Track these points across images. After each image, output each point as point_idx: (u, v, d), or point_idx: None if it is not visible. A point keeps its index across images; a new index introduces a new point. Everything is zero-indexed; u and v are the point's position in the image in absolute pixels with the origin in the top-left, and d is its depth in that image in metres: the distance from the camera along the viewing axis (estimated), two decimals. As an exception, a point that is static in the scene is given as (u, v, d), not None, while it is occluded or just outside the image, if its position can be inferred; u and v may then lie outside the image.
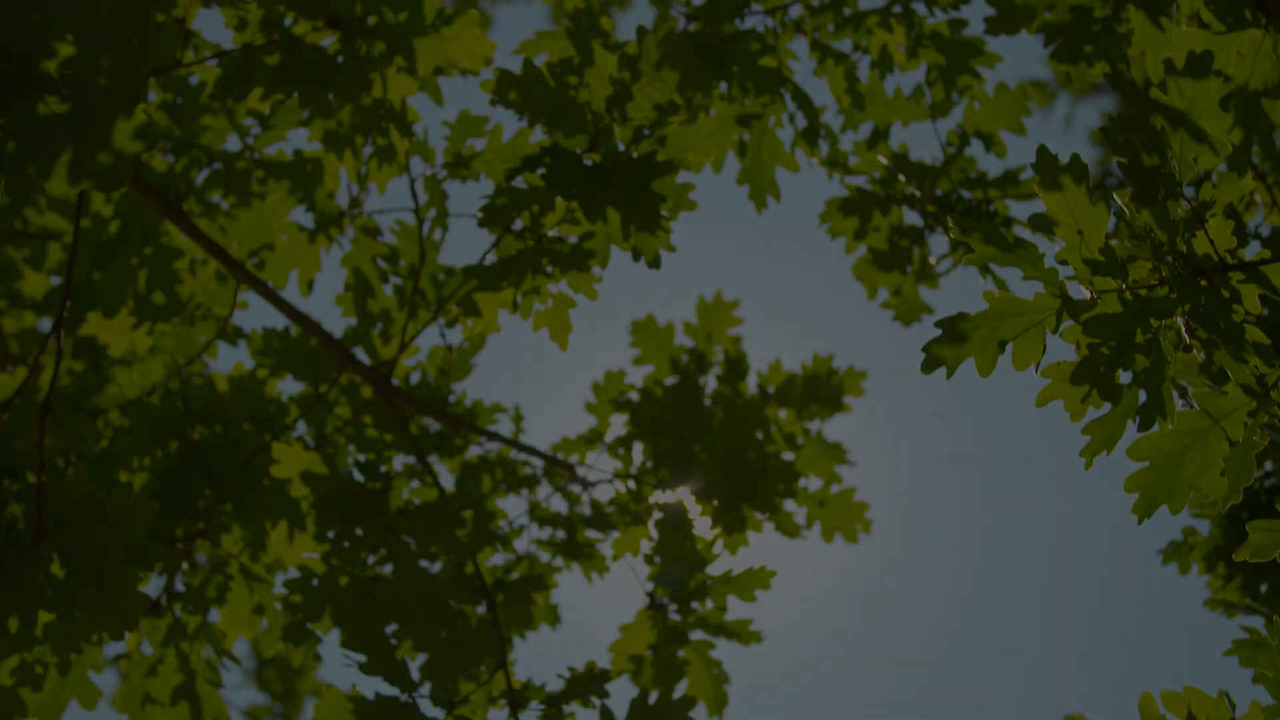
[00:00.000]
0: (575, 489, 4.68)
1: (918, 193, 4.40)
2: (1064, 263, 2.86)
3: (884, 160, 4.47)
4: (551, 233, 3.72)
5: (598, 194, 3.46)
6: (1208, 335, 2.78)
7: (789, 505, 5.00)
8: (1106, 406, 2.82)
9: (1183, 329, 2.84)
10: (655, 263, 3.58)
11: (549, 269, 3.69)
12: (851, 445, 5.07)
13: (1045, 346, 2.90)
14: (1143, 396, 2.76)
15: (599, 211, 3.57)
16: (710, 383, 4.99)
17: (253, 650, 9.87)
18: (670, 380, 4.96)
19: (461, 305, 3.70)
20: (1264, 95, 3.19)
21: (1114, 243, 2.86)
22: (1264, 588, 4.46)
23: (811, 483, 5.04)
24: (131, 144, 2.27)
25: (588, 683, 3.72)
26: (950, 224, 3.62)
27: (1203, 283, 2.82)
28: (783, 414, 5.04)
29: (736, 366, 4.97)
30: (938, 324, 2.91)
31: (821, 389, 4.98)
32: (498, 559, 4.57)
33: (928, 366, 2.90)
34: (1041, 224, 2.88)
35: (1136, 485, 2.82)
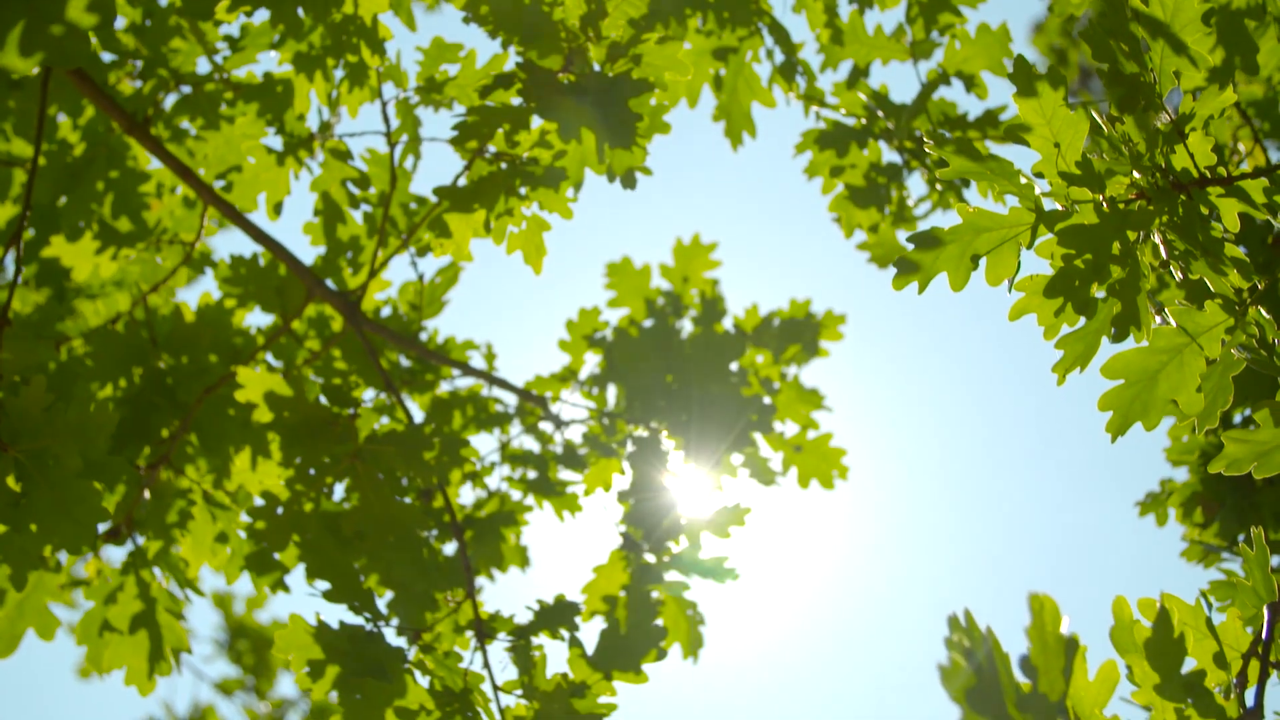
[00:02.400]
0: (548, 428, 4.62)
1: (894, 127, 4.34)
2: (1040, 176, 2.81)
3: (864, 97, 4.41)
4: (524, 156, 3.66)
5: (572, 112, 3.40)
6: (1185, 247, 2.73)
7: (765, 451, 4.95)
8: (1081, 321, 2.77)
9: (1160, 244, 2.80)
10: (630, 182, 3.52)
11: (522, 190, 3.63)
12: (830, 391, 5.02)
13: (1020, 263, 2.86)
14: (1117, 308, 2.72)
15: (573, 131, 3.51)
16: (686, 326, 4.94)
17: (224, 622, 9.80)
18: (647, 323, 4.91)
19: (433, 227, 3.64)
20: (1247, 15, 3.14)
21: (1092, 157, 2.81)
22: (1242, 537, 4.42)
23: (788, 428, 4.99)
24: (85, 17, 2.21)
25: (558, 614, 3.67)
26: (925, 140, 3.57)
27: (1181, 197, 2.78)
28: (759, 359, 4.98)
29: (713, 309, 4.91)
30: (910, 239, 2.87)
31: (798, 329, 4.92)
32: (468, 498, 4.52)
33: (899, 281, 2.86)
34: (1017, 134, 2.83)
35: (1111, 403, 2.77)
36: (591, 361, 4.81)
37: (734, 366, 4.80)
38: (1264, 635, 2.21)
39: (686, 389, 4.60)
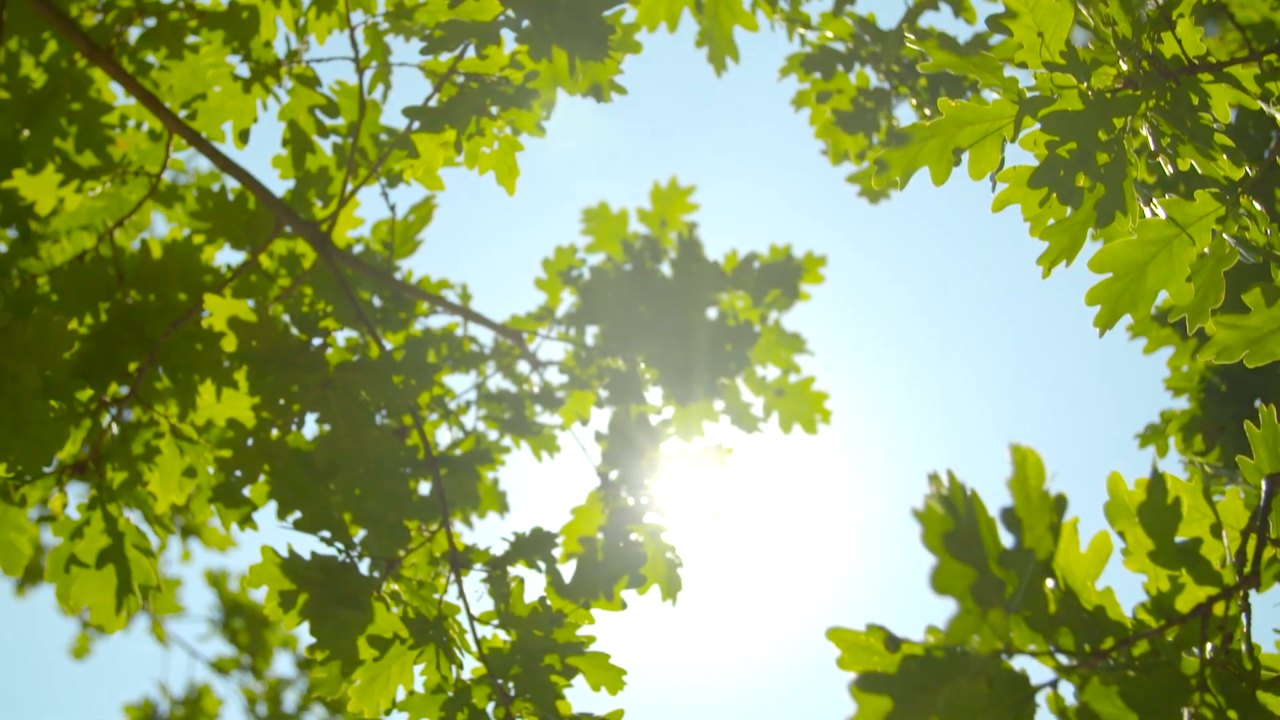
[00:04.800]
0: (524, 369, 4.54)
1: (881, 51, 4.25)
2: (1023, 67, 2.74)
3: (850, 23, 4.31)
4: (496, 76, 3.57)
5: (545, 22, 3.32)
6: (1174, 132, 2.65)
7: (746, 396, 4.87)
8: (1067, 213, 2.70)
9: (1148, 136, 2.72)
10: (603, 94, 3.44)
11: (494, 110, 3.54)
12: (815, 333, 4.95)
13: (1004, 158, 2.78)
14: (1102, 192, 2.64)
15: (544, 49, 3.43)
16: (665, 270, 4.85)
17: (219, 600, 9.69)
18: (626, 268, 4.82)
19: (402, 146, 3.55)
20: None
21: (1077, 47, 2.73)
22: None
23: (770, 372, 4.91)
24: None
25: (534, 544, 3.59)
26: (905, 34, 3.49)
27: (1170, 84, 2.70)
28: (739, 304, 4.90)
29: (691, 251, 4.83)
30: (892, 135, 2.79)
31: (778, 272, 4.84)
32: (444, 440, 4.43)
33: (880, 178, 2.78)
34: (1000, 24, 2.75)
35: (1099, 297, 2.69)
36: (569, 301, 4.73)
37: (713, 313, 4.72)
38: (1262, 504, 2.14)
39: (664, 320, 4.51)
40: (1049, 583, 1.97)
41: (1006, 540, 1.89)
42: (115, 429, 3.75)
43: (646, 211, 4.97)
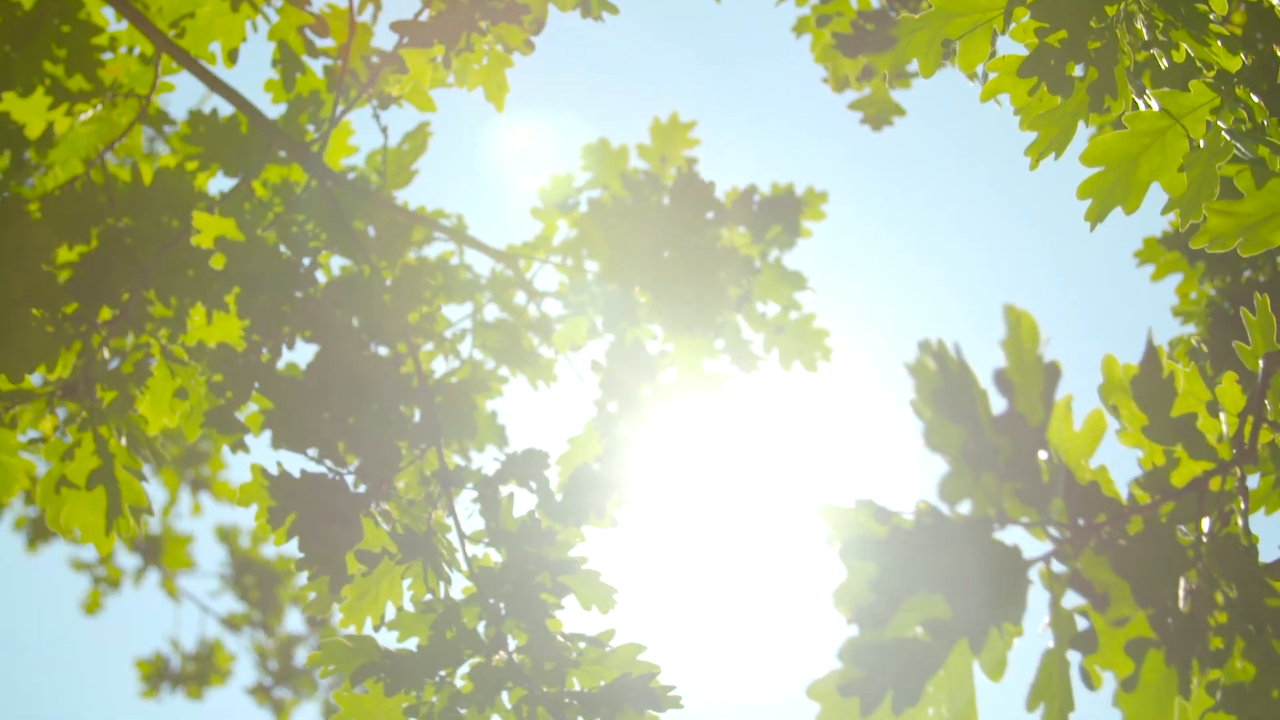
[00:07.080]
0: (521, 300, 4.49)
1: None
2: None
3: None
4: (486, -9, 3.53)
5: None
6: (1168, 18, 2.60)
7: (746, 334, 4.81)
8: (1057, 103, 2.65)
9: (1143, 28, 2.67)
10: (591, 10, 3.40)
11: (482, 26, 3.50)
12: (817, 269, 4.90)
13: (995, 51, 2.75)
14: (1094, 76, 2.59)
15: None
16: (665, 202, 4.79)
17: (230, 557, 9.70)
18: (627, 203, 4.76)
19: (391, 63, 3.51)
20: None
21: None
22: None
23: (769, 309, 4.85)
24: None
25: (526, 463, 3.55)
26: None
27: (1162, -30, 2.65)
28: (739, 242, 4.84)
29: (691, 182, 4.76)
30: (881, 29, 2.75)
31: (779, 207, 4.78)
32: (440, 367, 4.40)
33: (869, 73, 2.74)
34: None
35: (1090, 190, 2.65)
36: (565, 232, 4.67)
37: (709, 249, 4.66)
38: (1259, 383, 2.09)
39: (662, 249, 4.46)
40: (1041, 455, 1.92)
41: (998, 404, 1.84)
42: (106, 352, 3.73)
43: (646, 147, 4.92)
